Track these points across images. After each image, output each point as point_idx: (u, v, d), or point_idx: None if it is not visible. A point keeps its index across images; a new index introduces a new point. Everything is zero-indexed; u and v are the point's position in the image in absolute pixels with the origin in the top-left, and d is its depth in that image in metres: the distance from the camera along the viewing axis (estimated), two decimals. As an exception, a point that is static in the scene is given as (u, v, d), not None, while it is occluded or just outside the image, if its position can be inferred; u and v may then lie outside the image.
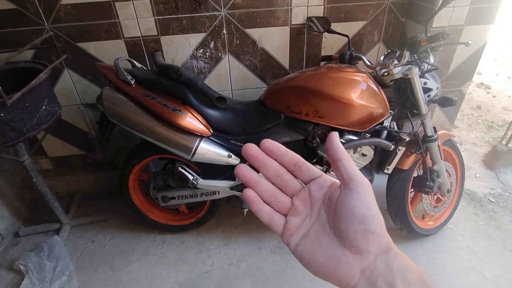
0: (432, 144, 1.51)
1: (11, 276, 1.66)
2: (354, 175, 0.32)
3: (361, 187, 0.32)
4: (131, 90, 1.38)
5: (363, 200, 0.31)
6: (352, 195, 0.32)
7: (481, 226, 1.87)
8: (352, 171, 0.33)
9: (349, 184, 0.32)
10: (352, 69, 1.41)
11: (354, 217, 0.31)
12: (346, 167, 0.33)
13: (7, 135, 1.33)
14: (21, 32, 1.58)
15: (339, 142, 0.35)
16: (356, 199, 0.31)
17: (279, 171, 0.35)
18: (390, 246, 0.31)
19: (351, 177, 0.32)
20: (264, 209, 0.35)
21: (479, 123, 2.91)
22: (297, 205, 0.35)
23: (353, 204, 0.31)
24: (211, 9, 1.63)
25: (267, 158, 0.35)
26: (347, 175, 0.33)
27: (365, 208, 0.31)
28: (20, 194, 2.01)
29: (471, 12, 1.65)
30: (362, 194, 0.31)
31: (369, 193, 0.32)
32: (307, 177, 0.36)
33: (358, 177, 0.32)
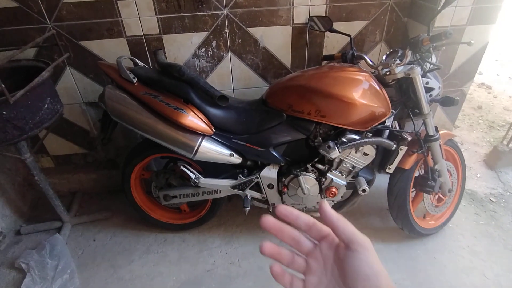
0: (434, 144, 1.51)
1: (13, 274, 1.66)
2: (353, 237, 0.35)
3: (361, 247, 0.34)
4: (134, 89, 1.38)
5: (365, 260, 0.34)
6: (354, 256, 0.34)
7: (482, 225, 1.87)
8: (350, 233, 0.35)
9: (351, 246, 0.35)
10: (354, 68, 1.41)
11: (359, 276, 0.33)
12: (344, 231, 0.35)
13: (9, 133, 1.33)
14: (23, 30, 1.58)
15: (330, 209, 0.37)
16: (358, 259, 0.34)
17: (293, 235, 0.39)
18: None
19: (350, 239, 0.35)
20: (286, 277, 0.38)
21: (480, 123, 2.91)
22: (312, 264, 0.38)
23: (357, 264, 0.34)
24: (213, 8, 1.63)
25: (282, 225, 0.38)
26: (347, 238, 0.35)
27: (367, 267, 0.33)
28: (21, 192, 2.01)
29: (473, 12, 1.65)
30: (364, 254, 0.34)
31: (370, 251, 0.34)
32: (318, 236, 0.39)
33: (357, 238, 0.35)
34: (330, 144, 1.36)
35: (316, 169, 1.52)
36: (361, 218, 1.93)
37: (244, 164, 1.55)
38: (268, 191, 1.59)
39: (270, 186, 1.57)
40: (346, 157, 1.46)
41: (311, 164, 1.50)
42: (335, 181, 1.51)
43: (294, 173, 1.50)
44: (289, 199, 1.61)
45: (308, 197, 1.56)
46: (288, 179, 1.54)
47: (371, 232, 1.84)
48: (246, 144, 1.47)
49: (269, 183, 1.56)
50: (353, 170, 1.51)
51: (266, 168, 1.54)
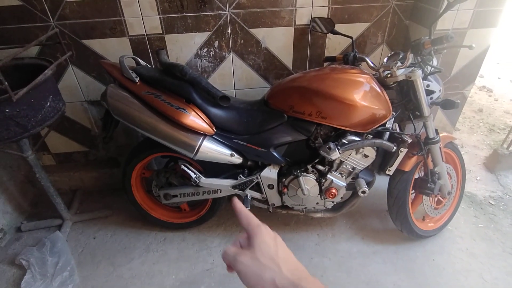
0: (434, 146, 1.51)
1: (13, 271, 1.67)
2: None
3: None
4: (136, 88, 1.39)
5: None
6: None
7: (481, 228, 1.88)
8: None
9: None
10: (356, 70, 1.41)
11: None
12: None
13: (12, 130, 1.34)
14: (27, 29, 1.59)
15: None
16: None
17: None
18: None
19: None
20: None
21: (481, 126, 2.91)
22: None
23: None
24: (216, 9, 1.64)
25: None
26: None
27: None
28: (22, 189, 2.02)
29: (474, 15, 1.66)
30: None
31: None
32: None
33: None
34: (330, 146, 1.36)
35: (316, 170, 1.53)
36: (361, 220, 1.94)
37: (245, 164, 1.56)
38: (268, 192, 1.60)
39: (270, 187, 1.58)
40: (346, 159, 1.47)
41: (312, 165, 1.51)
42: (335, 182, 1.52)
43: (295, 174, 1.50)
44: (289, 200, 1.62)
45: (308, 198, 1.56)
46: (288, 180, 1.54)
47: (370, 234, 1.85)
48: (247, 144, 1.47)
49: (269, 184, 1.57)
50: (353, 171, 1.52)
51: (267, 168, 1.55)
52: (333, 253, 1.75)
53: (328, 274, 1.64)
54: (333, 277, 1.62)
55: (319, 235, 1.85)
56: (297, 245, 1.79)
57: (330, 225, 1.90)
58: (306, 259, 1.71)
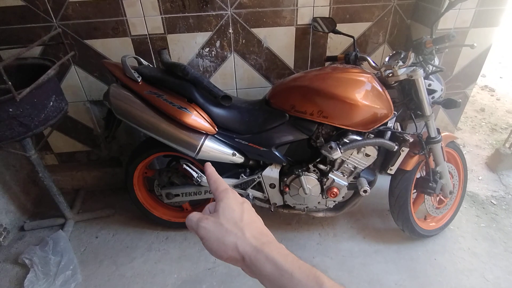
0: (436, 146, 1.51)
1: (16, 270, 1.68)
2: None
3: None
4: (138, 88, 1.40)
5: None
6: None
7: (483, 228, 1.87)
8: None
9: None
10: (357, 69, 1.42)
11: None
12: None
13: (15, 130, 1.35)
14: (30, 29, 1.60)
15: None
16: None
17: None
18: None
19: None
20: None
21: (483, 126, 2.91)
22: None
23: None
24: (217, 8, 1.64)
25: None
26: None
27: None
28: (25, 188, 2.03)
29: (476, 14, 1.66)
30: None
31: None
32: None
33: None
34: (332, 145, 1.36)
35: (318, 170, 1.53)
36: (362, 219, 1.94)
37: (247, 164, 1.56)
38: (270, 191, 1.60)
39: (272, 186, 1.58)
40: (347, 158, 1.47)
41: (313, 164, 1.51)
42: (336, 181, 1.52)
43: (296, 173, 1.51)
44: (290, 199, 1.62)
45: (310, 197, 1.57)
46: (290, 179, 1.55)
47: (372, 233, 1.85)
48: (249, 144, 1.48)
49: (271, 183, 1.57)
50: (354, 170, 1.52)
51: (268, 167, 1.55)
52: (335, 252, 1.75)
53: (329, 273, 1.64)
54: (335, 276, 1.62)
55: (321, 235, 1.85)
56: (299, 244, 1.80)
57: (332, 225, 1.90)
58: (308, 258, 1.72)
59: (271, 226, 1.89)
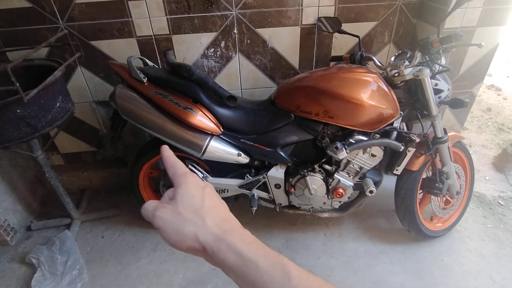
0: (442, 146, 1.50)
1: (24, 269, 1.69)
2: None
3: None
4: (144, 88, 1.40)
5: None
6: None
7: (490, 229, 1.86)
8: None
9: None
10: (363, 69, 1.41)
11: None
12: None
13: (22, 131, 1.36)
14: (36, 30, 1.61)
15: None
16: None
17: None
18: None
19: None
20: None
21: (489, 125, 2.88)
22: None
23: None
24: (222, 9, 1.65)
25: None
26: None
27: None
28: (32, 189, 2.05)
29: (483, 13, 1.64)
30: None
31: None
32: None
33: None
34: (337, 145, 1.36)
35: (323, 170, 1.52)
36: (368, 219, 1.93)
37: (252, 164, 1.56)
38: (275, 191, 1.60)
39: (277, 186, 1.58)
40: (353, 158, 1.47)
41: (319, 165, 1.51)
42: (342, 182, 1.51)
43: (301, 174, 1.51)
44: (296, 199, 1.62)
45: (315, 197, 1.56)
46: (295, 179, 1.54)
47: (377, 234, 1.84)
48: (254, 144, 1.48)
49: (276, 183, 1.57)
50: (360, 171, 1.51)
51: (274, 168, 1.55)
52: (340, 253, 1.74)
53: (335, 274, 1.63)
54: (340, 277, 1.62)
55: (326, 235, 1.84)
56: (304, 244, 1.79)
57: (337, 225, 1.90)
58: (313, 258, 1.71)
59: (276, 226, 1.89)
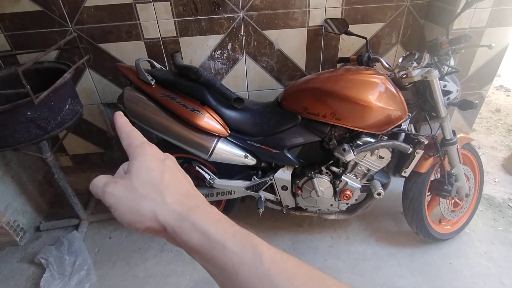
0: (451, 148, 1.49)
1: (33, 269, 1.71)
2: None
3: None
4: (151, 91, 1.41)
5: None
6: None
7: (500, 232, 1.83)
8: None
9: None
10: (370, 71, 1.40)
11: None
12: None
13: (32, 132, 1.38)
14: (46, 33, 1.64)
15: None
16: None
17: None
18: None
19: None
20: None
21: (498, 127, 2.84)
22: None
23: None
24: (229, 11, 1.65)
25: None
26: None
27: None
28: (41, 190, 2.07)
29: (493, 13, 1.62)
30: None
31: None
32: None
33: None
34: (345, 147, 1.35)
35: (331, 172, 1.52)
36: (375, 222, 1.91)
37: (259, 166, 1.56)
38: (282, 193, 1.60)
39: (284, 188, 1.58)
40: (361, 160, 1.46)
41: (326, 167, 1.50)
42: (349, 184, 1.51)
43: (308, 175, 1.50)
44: (302, 201, 1.61)
45: (322, 199, 1.56)
46: (302, 181, 1.54)
47: (385, 236, 1.82)
48: (261, 146, 1.48)
49: (283, 185, 1.57)
50: (368, 173, 1.50)
51: (280, 170, 1.55)
52: (347, 255, 1.73)
53: (342, 276, 1.62)
54: (347, 280, 1.61)
55: (333, 237, 1.84)
56: (311, 246, 1.79)
57: (344, 227, 1.89)
58: (320, 261, 1.71)
59: (282, 228, 1.89)
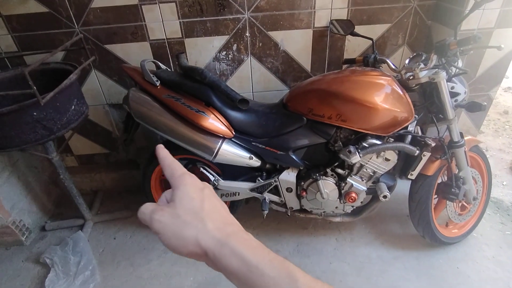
0: (458, 150, 1.47)
1: (38, 269, 1.72)
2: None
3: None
4: (156, 92, 1.41)
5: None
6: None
7: (508, 236, 1.80)
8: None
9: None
10: (376, 72, 1.39)
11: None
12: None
13: (38, 133, 1.39)
14: (53, 35, 1.65)
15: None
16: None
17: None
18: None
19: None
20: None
21: (506, 129, 2.81)
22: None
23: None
24: (234, 12, 1.65)
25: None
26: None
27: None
28: (47, 190, 2.09)
29: (501, 14, 1.60)
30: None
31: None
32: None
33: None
34: (350, 149, 1.34)
35: (336, 174, 1.50)
36: (380, 224, 1.90)
37: (263, 167, 1.55)
38: (287, 195, 1.59)
39: (288, 190, 1.57)
40: (366, 162, 1.44)
41: (331, 169, 1.49)
42: (355, 186, 1.49)
43: (313, 177, 1.49)
44: (307, 203, 1.60)
45: (327, 201, 1.54)
46: (307, 183, 1.53)
47: (391, 239, 1.80)
48: (266, 147, 1.47)
49: (288, 187, 1.56)
50: (373, 175, 1.49)
51: (285, 171, 1.54)
52: (352, 258, 1.72)
53: (347, 279, 1.61)
54: (352, 283, 1.59)
55: (338, 240, 1.82)
56: (315, 249, 1.77)
57: (349, 230, 1.87)
58: (325, 263, 1.69)
59: (287, 230, 1.88)
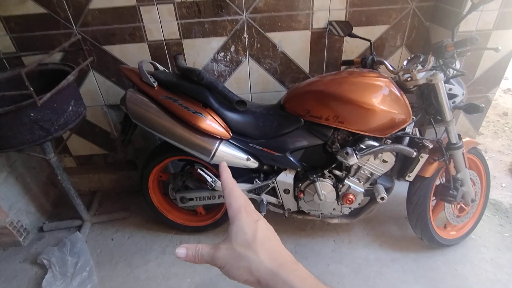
0: (456, 152, 1.46)
1: (35, 270, 1.72)
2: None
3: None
4: (154, 93, 1.41)
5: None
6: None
7: (506, 238, 1.79)
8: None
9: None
10: (374, 74, 1.39)
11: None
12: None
13: (36, 134, 1.38)
14: (51, 36, 1.65)
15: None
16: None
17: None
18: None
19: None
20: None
21: (506, 131, 2.80)
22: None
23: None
24: (232, 13, 1.65)
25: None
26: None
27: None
28: (45, 190, 2.09)
29: (500, 16, 1.60)
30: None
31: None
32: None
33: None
34: (348, 151, 1.34)
35: (333, 175, 1.50)
36: (378, 226, 1.89)
37: (261, 169, 1.55)
38: (284, 196, 1.59)
39: (286, 191, 1.57)
40: (364, 164, 1.44)
41: (328, 170, 1.49)
42: (352, 188, 1.49)
43: (311, 179, 1.49)
44: (305, 205, 1.60)
45: (325, 203, 1.54)
46: (305, 185, 1.53)
47: (389, 241, 1.80)
48: (263, 149, 1.47)
49: (285, 188, 1.56)
50: (371, 177, 1.49)
51: (283, 173, 1.53)
52: (350, 260, 1.71)
53: (345, 281, 1.60)
54: (350, 285, 1.59)
55: (336, 241, 1.82)
56: (313, 250, 1.77)
57: (347, 231, 1.87)
58: (322, 265, 1.69)
59: (285, 232, 1.87)
